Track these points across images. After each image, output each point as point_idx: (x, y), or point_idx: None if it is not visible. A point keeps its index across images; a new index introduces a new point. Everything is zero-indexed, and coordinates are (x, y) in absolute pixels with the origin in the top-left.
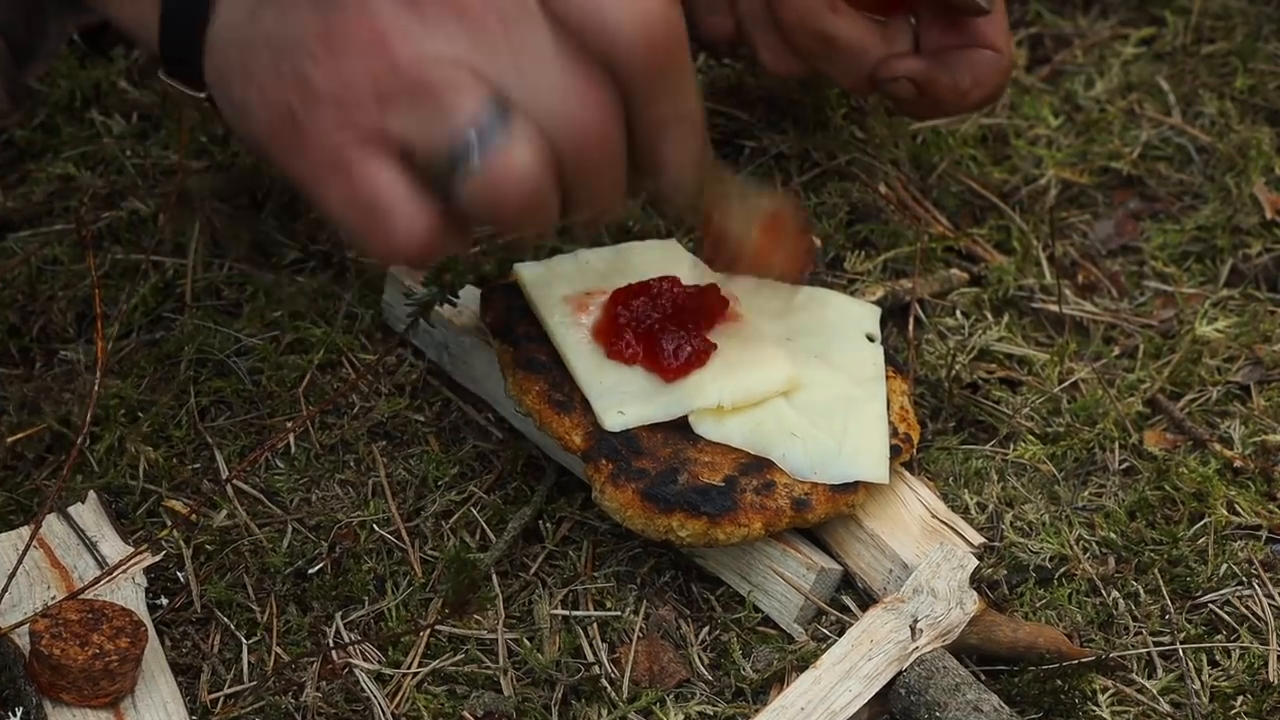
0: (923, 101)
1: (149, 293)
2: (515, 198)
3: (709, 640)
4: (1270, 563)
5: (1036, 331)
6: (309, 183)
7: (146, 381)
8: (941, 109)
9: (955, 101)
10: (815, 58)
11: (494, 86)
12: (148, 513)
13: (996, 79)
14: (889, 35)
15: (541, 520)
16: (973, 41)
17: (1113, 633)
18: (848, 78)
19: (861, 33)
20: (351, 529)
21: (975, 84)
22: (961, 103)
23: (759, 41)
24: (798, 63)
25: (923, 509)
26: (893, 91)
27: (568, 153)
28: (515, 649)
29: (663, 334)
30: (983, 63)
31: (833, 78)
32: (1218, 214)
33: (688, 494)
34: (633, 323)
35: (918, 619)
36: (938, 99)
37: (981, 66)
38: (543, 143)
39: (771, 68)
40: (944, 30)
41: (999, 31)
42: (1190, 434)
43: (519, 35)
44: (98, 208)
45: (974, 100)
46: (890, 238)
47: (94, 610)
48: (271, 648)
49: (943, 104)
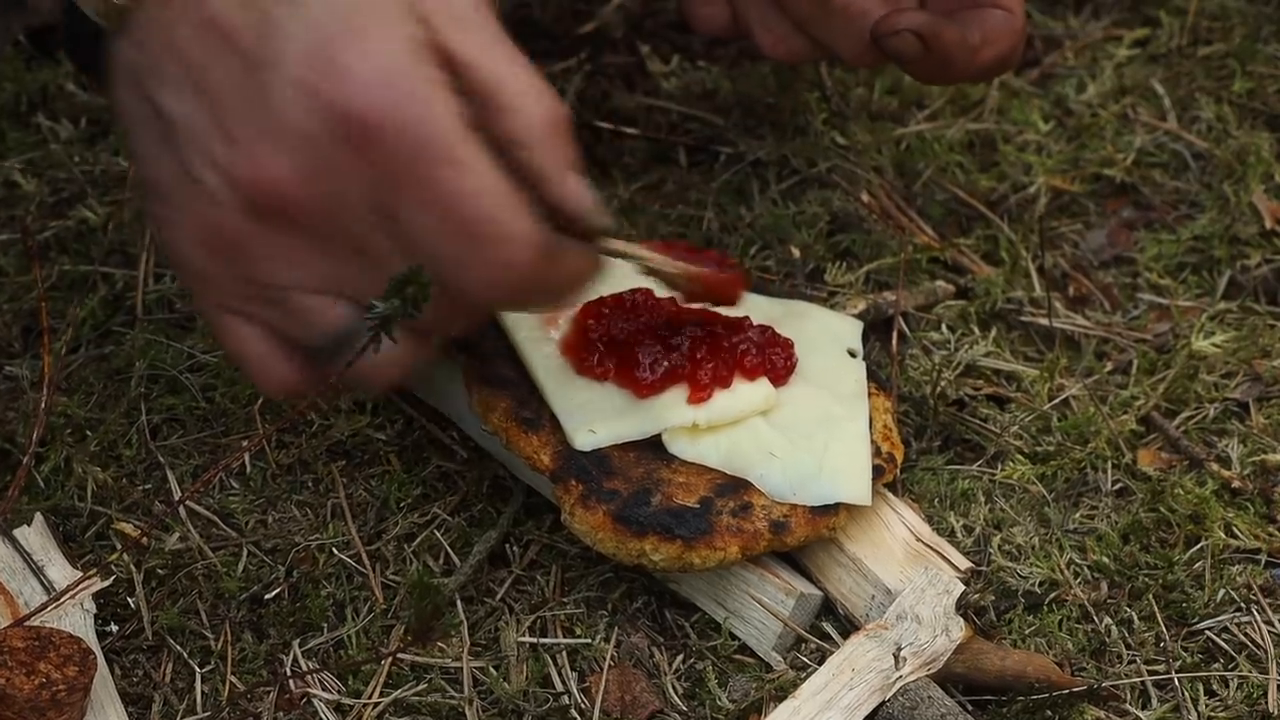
0: (930, 59)
1: (98, 306)
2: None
3: (683, 669)
4: (1270, 588)
5: (1026, 346)
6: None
7: (95, 398)
8: (951, 69)
9: (965, 60)
10: (814, 25)
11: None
12: (97, 535)
13: (1009, 38)
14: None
15: (508, 543)
16: (981, 1)
17: (1105, 661)
18: (849, 46)
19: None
20: (310, 552)
21: (985, 41)
22: (972, 61)
23: (756, 24)
24: (798, 42)
25: (907, 532)
26: (896, 48)
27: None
28: (481, 678)
29: (637, 348)
30: (993, 20)
31: (834, 49)
32: (1215, 223)
33: (661, 516)
34: (604, 337)
35: (901, 647)
36: (946, 55)
37: (992, 23)
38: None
39: (771, 51)
40: None
41: None
42: (1186, 453)
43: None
44: (44, 217)
45: (985, 60)
46: (873, 248)
47: (40, 638)
48: (226, 677)
49: (952, 62)
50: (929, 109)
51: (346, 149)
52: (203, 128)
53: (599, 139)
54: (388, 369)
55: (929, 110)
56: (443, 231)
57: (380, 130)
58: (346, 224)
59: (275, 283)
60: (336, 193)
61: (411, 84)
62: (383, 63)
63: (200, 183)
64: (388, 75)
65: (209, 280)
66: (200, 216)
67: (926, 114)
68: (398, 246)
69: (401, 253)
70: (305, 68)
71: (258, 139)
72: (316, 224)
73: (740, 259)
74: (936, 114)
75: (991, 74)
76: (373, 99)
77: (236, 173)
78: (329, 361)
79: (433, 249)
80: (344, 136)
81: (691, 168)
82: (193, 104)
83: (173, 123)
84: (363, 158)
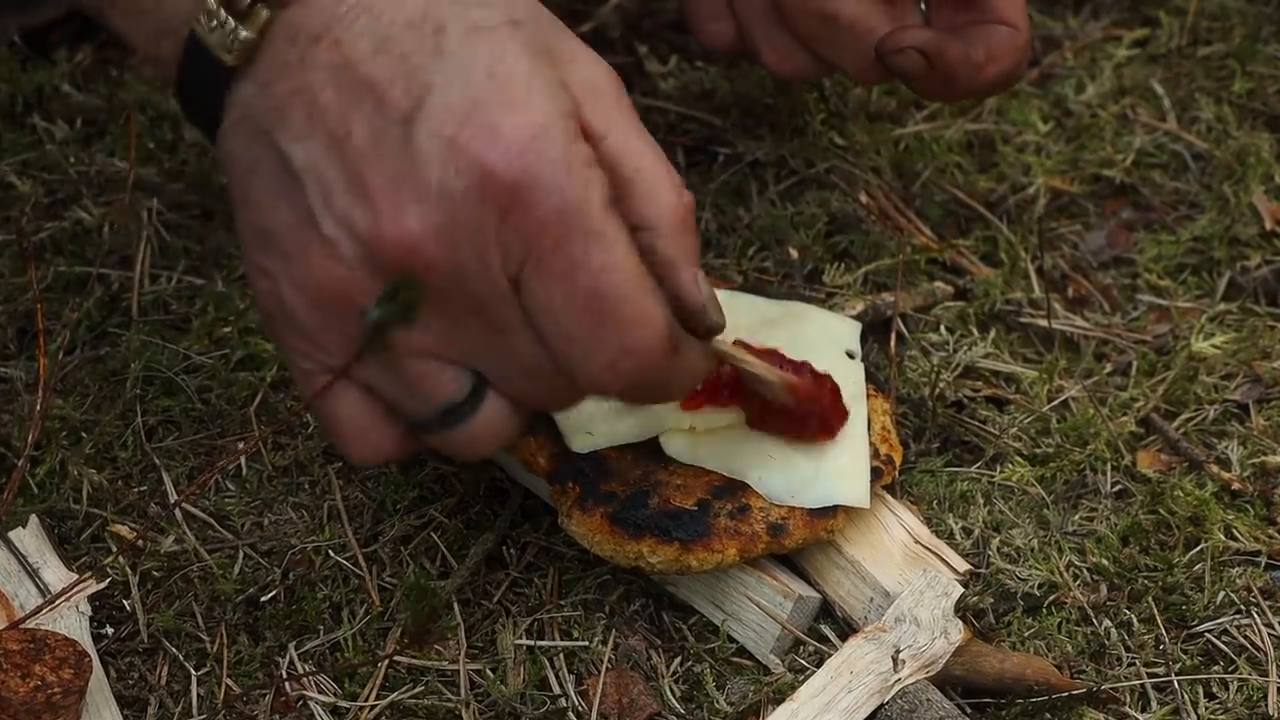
0: (934, 76)
1: (93, 307)
2: (478, 454)
3: (681, 671)
4: (1270, 590)
5: (1025, 347)
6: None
7: (91, 400)
8: (955, 85)
9: (969, 76)
10: (819, 42)
11: (467, 368)
12: (92, 538)
13: (1013, 55)
14: (895, 14)
15: (505, 546)
16: (986, 18)
17: (1105, 664)
18: (854, 63)
19: (866, 10)
20: (306, 555)
21: (990, 58)
22: (976, 77)
23: (761, 40)
24: (803, 58)
25: (905, 534)
26: (900, 65)
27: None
28: (478, 681)
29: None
30: (997, 36)
31: (839, 65)
32: (1215, 224)
33: (658, 518)
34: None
35: (900, 649)
36: (950, 72)
37: (996, 40)
38: (513, 409)
39: (776, 67)
40: (956, 8)
41: (1015, 7)
42: (1186, 455)
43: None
44: (40, 218)
45: (990, 76)
46: (871, 249)
47: (36, 640)
48: (222, 679)
49: (956, 78)
50: (927, 109)
51: (488, 210)
52: (333, 178)
53: None
54: (484, 442)
55: (927, 111)
56: (573, 305)
57: (525, 194)
58: (475, 289)
59: (389, 345)
60: (471, 255)
61: (560, 151)
62: (533, 128)
63: (323, 235)
64: (537, 140)
65: (314, 339)
66: (317, 271)
67: (925, 114)
68: (525, 317)
69: (528, 324)
70: (453, 124)
71: (394, 193)
72: (442, 286)
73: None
74: (935, 114)
75: (996, 90)
76: (521, 162)
77: (368, 227)
78: (431, 430)
79: (560, 323)
80: (487, 197)
81: (689, 168)
82: (323, 153)
83: (297, 171)
84: (503, 221)
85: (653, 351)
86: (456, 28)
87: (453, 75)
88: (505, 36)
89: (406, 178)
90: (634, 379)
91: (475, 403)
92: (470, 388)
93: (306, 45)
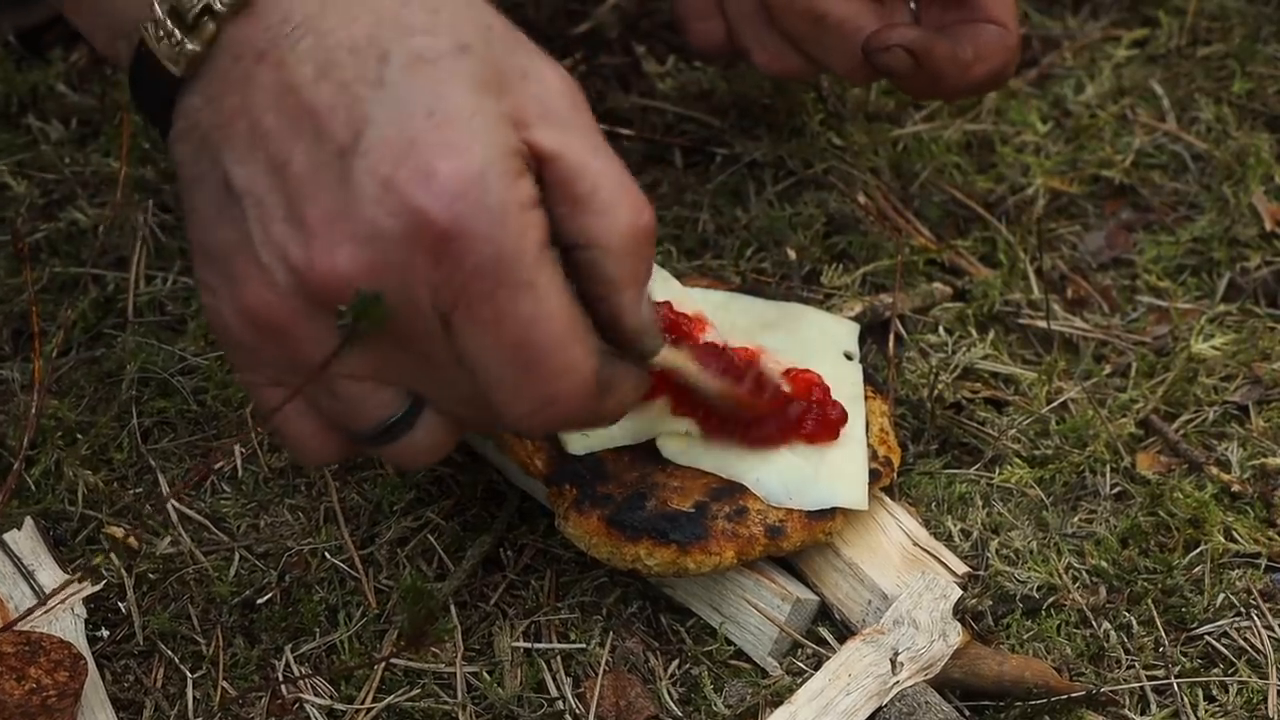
0: (921, 75)
1: (89, 308)
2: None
3: (678, 674)
4: (1270, 592)
5: (1023, 349)
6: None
7: (86, 401)
8: (943, 84)
9: (957, 75)
10: (808, 41)
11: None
12: (87, 540)
13: (1002, 54)
14: (884, 14)
15: (502, 548)
16: (975, 16)
17: (1104, 666)
18: (842, 62)
19: (855, 10)
20: (302, 557)
21: (978, 57)
22: (964, 76)
23: (751, 40)
24: (793, 58)
25: (903, 536)
26: (887, 64)
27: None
28: (474, 683)
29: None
30: (986, 35)
31: (828, 65)
32: (1214, 225)
33: (656, 521)
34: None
35: (898, 652)
36: (937, 71)
37: (984, 39)
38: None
39: (765, 67)
40: (944, 7)
41: (1004, 7)
42: (1186, 457)
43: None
44: (35, 218)
45: (978, 75)
46: (869, 250)
47: (31, 642)
48: (218, 682)
49: (943, 78)
50: (926, 110)
51: (419, 254)
52: (272, 205)
53: None
54: (421, 456)
55: (926, 111)
56: (500, 353)
57: (457, 242)
58: (404, 325)
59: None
60: (401, 295)
61: (495, 199)
62: (471, 174)
63: (259, 261)
64: (472, 186)
65: (254, 355)
66: (251, 296)
67: (924, 115)
68: (453, 353)
69: (455, 359)
70: (390, 164)
71: (329, 228)
72: None
73: (735, 261)
74: (934, 115)
75: (984, 90)
76: (455, 209)
77: (301, 259)
78: (369, 444)
79: (483, 367)
80: (419, 241)
81: (687, 169)
82: (264, 178)
83: (239, 193)
84: (435, 266)
85: (578, 400)
86: (400, 56)
87: (392, 110)
88: (449, 69)
89: (341, 214)
90: (558, 424)
91: (411, 420)
92: (406, 407)
93: (251, 62)
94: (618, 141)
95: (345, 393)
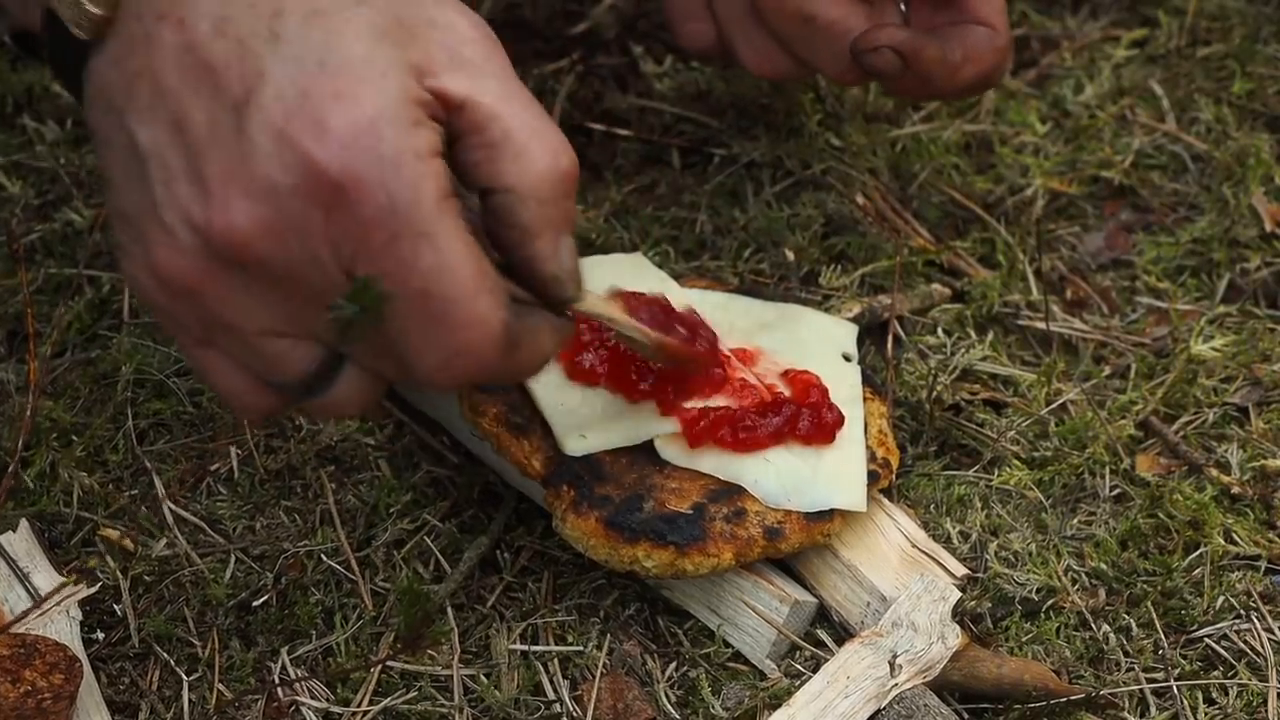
0: (910, 77)
1: (84, 309)
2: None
3: (676, 677)
4: (1269, 595)
5: (1022, 350)
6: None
7: (81, 403)
8: (931, 85)
9: (946, 76)
10: (796, 42)
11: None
12: (83, 542)
13: (991, 56)
14: (874, 15)
15: (499, 550)
16: (964, 18)
17: (1103, 669)
18: (832, 64)
19: (844, 11)
20: (298, 559)
21: (967, 59)
22: (953, 78)
23: (740, 41)
24: (782, 59)
25: (902, 538)
26: (875, 65)
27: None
28: (471, 686)
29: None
30: (975, 37)
31: (817, 66)
32: (1214, 226)
33: (654, 522)
34: (595, 340)
35: (897, 654)
36: (926, 73)
37: (973, 40)
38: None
39: (755, 68)
40: (934, 9)
41: (993, 8)
42: (1185, 459)
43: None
44: (30, 219)
45: (967, 77)
46: (868, 251)
47: (26, 645)
48: (213, 685)
49: (932, 79)
50: (925, 110)
51: (316, 207)
52: (174, 164)
53: (591, 141)
54: (346, 408)
55: (925, 112)
56: (403, 306)
57: (349, 191)
58: (310, 280)
59: (237, 326)
60: (300, 250)
61: (389, 147)
62: (363, 123)
63: (164, 223)
64: (366, 135)
65: (173, 317)
66: (161, 256)
67: (922, 115)
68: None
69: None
70: (283, 116)
71: (226, 185)
72: (280, 276)
73: (733, 262)
74: (932, 115)
75: (973, 91)
76: (346, 158)
77: (201, 217)
78: (298, 397)
79: (391, 320)
80: (314, 194)
81: (685, 170)
82: (166, 138)
83: (144, 155)
84: (331, 218)
85: (486, 353)
86: (295, 10)
87: (286, 63)
88: (345, 20)
89: (238, 170)
90: (469, 378)
91: (331, 375)
92: (324, 361)
93: (153, 23)
94: (615, 142)
95: (265, 349)
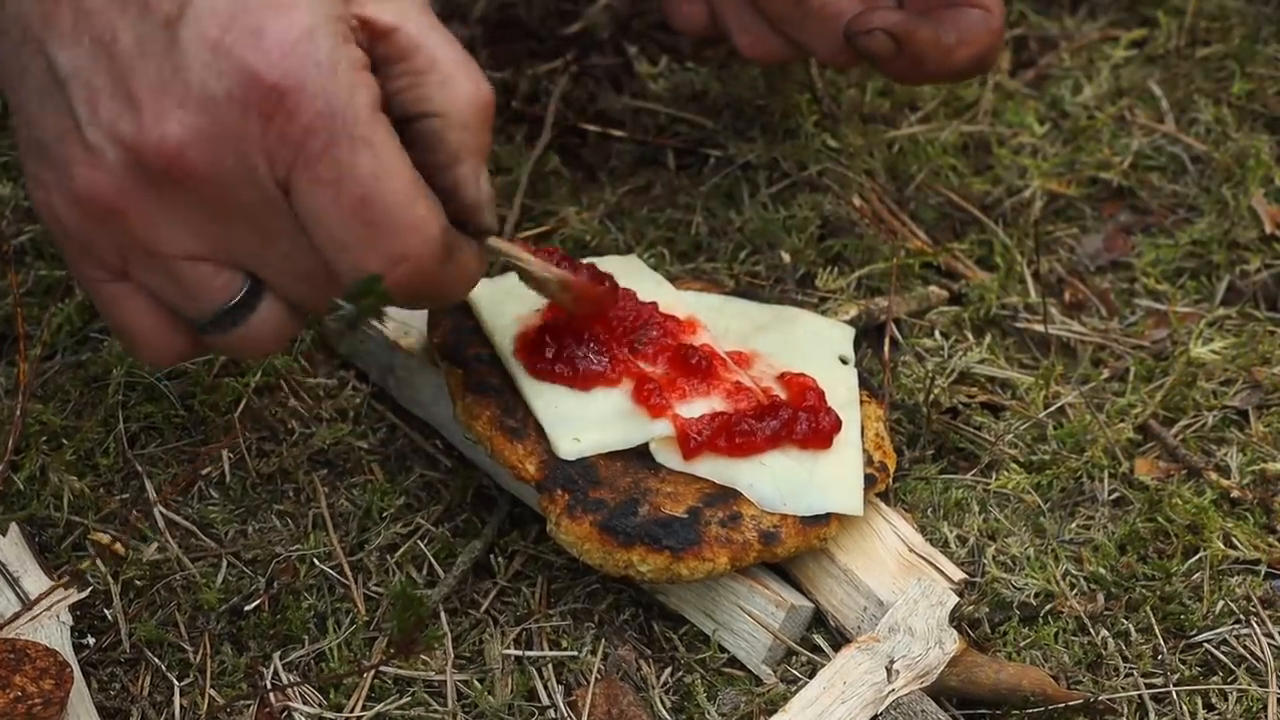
0: (903, 59)
1: (74, 311)
2: (260, 353)
3: (671, 682)
4: (1269, 599)
5: (1020, 353)
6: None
7: (72, 406)
8: (925, 68)
9: (939, 59)
10: (790, 25)
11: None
12: (73, 546)
13: (986, 38)
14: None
15: (493, 554)
16: (959, 1)
17: (1102, 674)
18: (825, 46)
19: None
20: (290, 563)
21: (961, 41)
22: (947, 61)
23: (734, 24)
24: (775, 41)
25: (899, 542)
26: (868, 47)
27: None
28: (465, 691)
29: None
30: (969, 19)
31: (810, 49)
32: (1214, 228)
33: (649, 526)
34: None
35: (894, 659)
36: (919, 55)
37: (968, 22)
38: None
39: (749, 51)
40: None
41: None
42: (1184, 462)
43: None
44: (19, 221)
45: (961, 60)
46: (865, 253)
47: (16, 650)
48: (205, 690)
49: (925, 61)
50: (922, 111)
51: (251, 115)
52: (99, 85)
53: (585, 142)
54: (262, 343)
55: (922, 112)
56: (340, 212)
57: (289, 98)
58: (242, 194)
59: (159, 250)
60: (235, 161)
61: (326, 55)
62: (299, 30)
63: (88, 143)
64: (302, 43)
65: (85, 246)
66: (83, 180)
67: (919, 116)
68: (293, 223)
69: (299, 230)
70: (218, 28)
71: (158, 98)
72: (210, 192)
73: (729, 264)
74: (929, 116)
75: (967, 74)
76: (284, 65)
77: (132, 134)
78: (213, 332)
79: (330, 230)
80: (250, 101)
81: (680, 171)
82: (89, 59)
83: (64, 77)
84: (268, 126)
85: (425, 259)
86: None
87: None
88: None
89: (170, 83)
90: (407, 286)
91: (251, 305)
92: (245, 290)
93: None
94: (610, 143)
95: (184, 275)
